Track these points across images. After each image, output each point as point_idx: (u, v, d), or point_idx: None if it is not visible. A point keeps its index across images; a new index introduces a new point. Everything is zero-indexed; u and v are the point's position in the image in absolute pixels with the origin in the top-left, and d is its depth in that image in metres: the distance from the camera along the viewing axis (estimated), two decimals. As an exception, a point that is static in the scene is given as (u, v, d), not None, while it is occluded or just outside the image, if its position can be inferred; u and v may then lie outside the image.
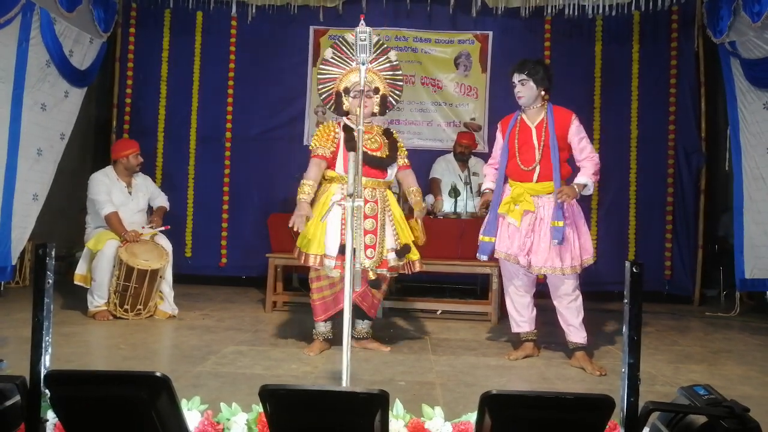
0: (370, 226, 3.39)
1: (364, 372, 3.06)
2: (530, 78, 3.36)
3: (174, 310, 4.47)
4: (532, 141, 3.38)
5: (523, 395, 1.67)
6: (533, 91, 3.37)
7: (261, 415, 2.07)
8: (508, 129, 3.48)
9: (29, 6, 4.45)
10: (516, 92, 3.42)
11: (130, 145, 4.66)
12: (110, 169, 4.60)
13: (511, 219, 3.36)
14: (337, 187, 3.43)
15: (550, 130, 3.34)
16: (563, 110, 3.41)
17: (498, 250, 3.42)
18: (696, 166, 5.88)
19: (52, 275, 1.81)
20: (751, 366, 3.48)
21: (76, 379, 1.74)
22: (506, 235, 3.40)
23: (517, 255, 3.36)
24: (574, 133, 3.36)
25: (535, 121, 3.41)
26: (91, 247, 4.32)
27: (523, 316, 3.51)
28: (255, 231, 6.01)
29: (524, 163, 3.38)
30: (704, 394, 1.79)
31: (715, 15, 5.12)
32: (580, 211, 3.43)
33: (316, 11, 6.01)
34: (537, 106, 3.41)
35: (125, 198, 4.54)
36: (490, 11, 5.86)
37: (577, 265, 3.30)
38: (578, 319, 3.36)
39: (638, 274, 1.71)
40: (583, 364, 3.30)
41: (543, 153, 3.34)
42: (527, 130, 3.41)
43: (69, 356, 3.17)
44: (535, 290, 3.54)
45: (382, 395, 1.58)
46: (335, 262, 3.33)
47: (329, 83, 3.49)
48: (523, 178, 3.38)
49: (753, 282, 5.02)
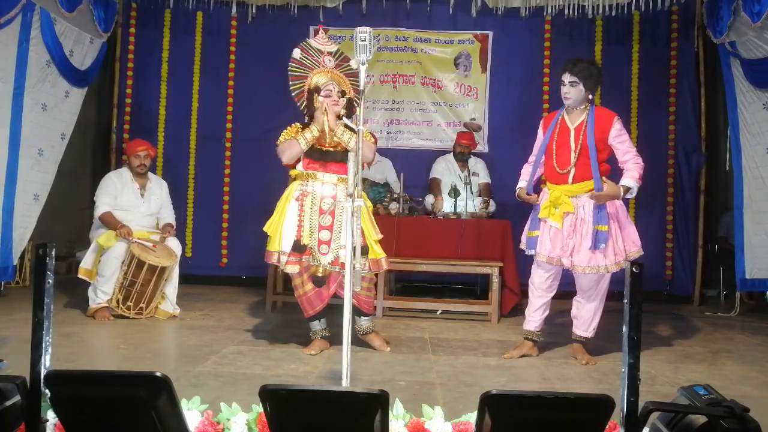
0: (326, 222, 3.42)
1: (364, 372, 3.06)
2: (581, 81, 3.36)
3: (176, 309, 4.48)
4: (569, 143, 3.40)
5: (523, 395, 1.67)
6: (581, 94, 3.39)
7: (261, 415, 2.07)
8: (549, 128, 3.49)
9: (29, 6, 4.45)
10: (563, 92, 3.41)
11: (139, 144, 4.68)
12: (126, 170, 4.66)
13: (552, 222, 3.39)
14: (297, 184, 3.51)
15: (589, 133, 3.35)
16: (606, 112, 3.42)
17: (540, 253, 3.44)
18: (696, 166, 5.88)
19: (52, 275, 1.81)
20: (751, 366, 3.48)
21: (77, 379, 1.74)
22: (548, 237, 3.42)
23: (561, 257, 3.39)
24: (615, 135, 3.36)
25: (575, 123, 3.42)
26: (102, 243, 4.32)
27: (534, 316, 3.56)
28: (255, 231, 5.98)
29: (560, 166, 3.41)
30: (704, 394, 1.80)
31: (714, 15, 5.11)
32: (623, 206, 3.45)
33: (316, 11, 6.01)
34: (581, 108, 3.43)
35: (136, 200, 4.55)
36: (490, 11, 5.86)
37: (621, 260, 3.32)
38: (591, 315, 3.44)
39: (638, 274, 1.71)
40: (576, 353, 3.46)
41: (580, 155, 3.36)
42: (566, 132, 3.43)
43: (69, 356, 3.18)
44: (554, 293, 3.55)
45: (382, 395, 1.58)
46: (288, 258, 3.38)
47: (300, 81, 3.50)
48: (559, 180, 3.41)
49: (753, 282, 5.02)
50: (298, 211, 3.42)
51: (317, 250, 3.40)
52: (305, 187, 3.46)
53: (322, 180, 3.46)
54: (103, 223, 4.39)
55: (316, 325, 3.56)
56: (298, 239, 3.38)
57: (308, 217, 3.42)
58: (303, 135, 3.41)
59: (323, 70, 3.49)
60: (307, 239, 3.40)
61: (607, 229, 3.28)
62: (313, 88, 3.47)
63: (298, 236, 3.39)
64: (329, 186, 3.46)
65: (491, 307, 4.62)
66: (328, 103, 3.39)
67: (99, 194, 4.48)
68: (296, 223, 3.41)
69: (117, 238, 4.28)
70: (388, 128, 6.26)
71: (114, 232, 4.31)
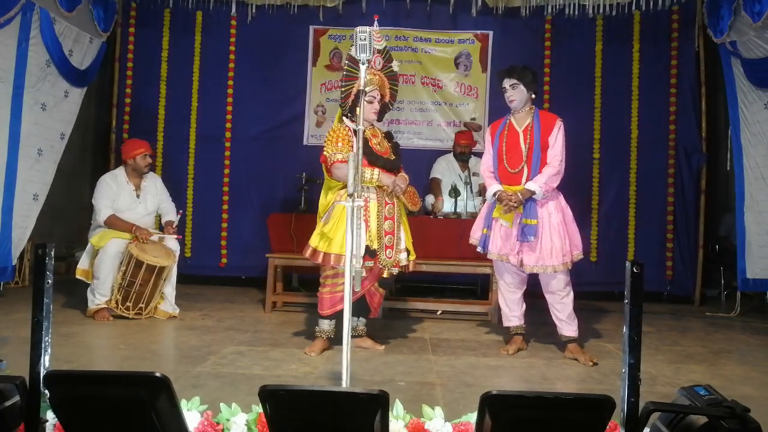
0: (389, 227, 3.45)
1: (364, 372, 3.06)
2: (520, 82, 3.50)
3: (175, 309, 4.47)
4: (519, 145, 3.50)
5: (523, 395, 1.67)
6: (524, 95, 3.52)
7: (261, 416, 2.07)
8: (497, 133, 3.60)
9: (29, 6, 4.44)
10: (507, 97, 3.55)
11: (138, 146, 4.60)
12: (120, 171, 4.59)
13: (503, 221, 3.50)
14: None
15: (536, 134, 3.47)
16: (549, 114, 3.58)
17: (491, 251, 3.58)
18: (696, 166, 5.87)
19: (52, 275, 1.80)
20: (752, 366, 3.48)
21: (76, 380, 1.74)
22: (499, 236, 3.54)
23: (509, 255, 3.50)
24: (554, 134, 3.47)
25: (522, 125, 3.53)
26: (95, 243, 4.31)
27: (514, 311, 3.67)
28: (255, 231, 6.01)
29: (511, 167, 3.51)
30: (705, 395, 1.79)
31: (715, 15, 5.11)
32: (567, 208, 3.54)
33: (316, 11, 6.01)
34: (526, 110, 3.55)
35: (133, 201, 4.52)
36: (490, 11, 5.86)
37: (568, 261, 3.43)
38: (569, 313, 3.50)
39: (639, 274, 1.71)
40: (576, 354, 3.45)
41: (529, 156, 3.46)
42: (515, 134, 3.54)
43: (68, 356, 3.17)
44: (525, 287, 3.68)
45: (382, 395, 1.57)
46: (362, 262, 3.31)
47: (352, 81, 3.39)
48: (512, 181, 3.50)
49: (754, 282, 5.02)
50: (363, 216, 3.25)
51: (384, 254, 3.41)
52: (367, 192, 3.41)
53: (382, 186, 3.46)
54: (110, 227, 4.35)
55: (326, 324, 3.54)
56: (367, 244, 3.34)
57: (374, 222, 3.42)
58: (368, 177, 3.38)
59: (372, 72, 3.42)
60: (376, 243, 3.39)
61: (536, 223, 3.38)
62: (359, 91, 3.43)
63: (367, 240, 3.35)
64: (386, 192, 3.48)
65: (491, 307, 4.62)
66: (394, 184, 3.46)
67: (98, 198, 4.42)
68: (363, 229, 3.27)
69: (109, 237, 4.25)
70: (388, 128, 6.23)
71: (107, 233, 4.29)
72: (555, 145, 3.45)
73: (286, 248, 5.10)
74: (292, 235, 5.14)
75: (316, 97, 6.25)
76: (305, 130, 6.23)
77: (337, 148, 3.39)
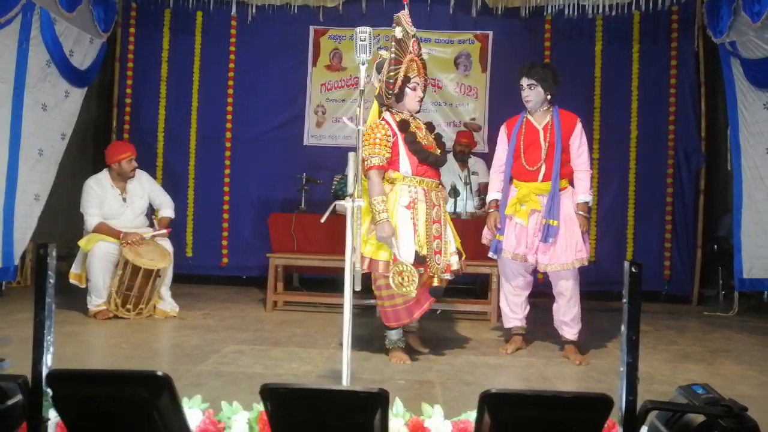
0: (437, 231, 3.21)
1: (364, 371, 3.07)
2: (539, 83, 3.43)
3: (174, 307, 4.47)
4: (539, 141, 3.45)
5: (522, 394, 1.68)
6: (541, 96, 3.46)
7: (262, 414, 2.08)
8: (514, 130, 3.53)
9: (29, 6, 4.45)
10: (524, 96, 3.49)
11: (123, 150, 4.45)
12: (104, 174, 4.44)
13: (518, 219, 3.44)
14: (403, 189, 3.19)
15: (557, 132, 3.42)
16: (569, 114, 3.51)
17: (505, 250, 3.50)
18: (696, 166, 5.88)
19: (53, 275, 1.81)
20: (749, 365, 3.49)
21: (78, 379, 1.75)
22: (513, 235, 3.48)
23: (526, 254, 3.45)
24: (577, 136, 3.45)
25: (542, 123, 3.48)
26: (82, 246, 4.27)
27: (516, 313, 3.63)
28: (255, 231, 6.02)
29: (529, 164, 3.45)
30: (702, 393, 1.80)
31: (715, 15, 5.12)
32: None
33: (316, 11, 6.02)
34: (543, 109, 3.49)
35: (119, 206, 4.41)
36: (490, 11, 5.88)
37: (583, 257, 3.40)
38: (573, 316, 3.48)
39: (637, 274, 1.72)
40: (569, 354, 3.47)
41: (548, 153, 3.42)
42: (534, 131, 3.48)
43: (71, 356, 3.18)
44: (531, 290, 3.64)
45: (382, 394, 1.58)
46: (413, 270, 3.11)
47: (399, 66, 3.18)
48: (528, 178, 3.46)
49: (752, 282, 5.02)
50: (411, 220, 3.15)
51: (434, 260, 3.16)
52: (414, 195, 3.20)
53: (429, 186, 3.24)
54: (99, 233, 4.26)
55: (394, 334, 3.33)
56: (417, 250, 3.12)
57: (423, 226, 3.17)
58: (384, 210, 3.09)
59: (413, 57, 3.22)
60: (425, 249, 3.14)
61: (557, 225, 3.35)
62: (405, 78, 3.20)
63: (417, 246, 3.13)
64: (433, 193, 3.25)
65: (491, 306, 4.62)
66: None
67: (85, 205, 4.30)
68: (411, 233, 3.14)
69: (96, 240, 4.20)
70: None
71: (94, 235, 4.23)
72: (582, 152, 3.44)
73: (287, 248, 5.11)
74: (292, 235, 5.15)
75: (316, 98, 6.25)
76: (305, 130, 6.24)
77: (374, 151, 3.14)
